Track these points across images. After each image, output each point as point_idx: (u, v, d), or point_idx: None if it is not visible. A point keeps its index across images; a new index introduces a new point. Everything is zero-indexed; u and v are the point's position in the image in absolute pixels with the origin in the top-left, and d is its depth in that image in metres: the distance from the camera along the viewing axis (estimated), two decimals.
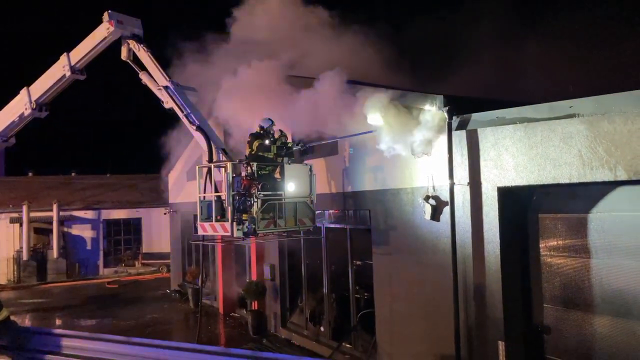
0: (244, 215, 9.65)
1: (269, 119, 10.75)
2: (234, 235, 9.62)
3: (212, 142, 10.40)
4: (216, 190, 9.95)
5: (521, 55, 12.67)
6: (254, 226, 9.62)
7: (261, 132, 10.64)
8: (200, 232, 10.23)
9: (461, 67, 12.90)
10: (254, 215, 9.63)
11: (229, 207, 9.49)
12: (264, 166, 10.25)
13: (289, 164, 10.48)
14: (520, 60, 12.53)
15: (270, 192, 9.98)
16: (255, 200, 9.65)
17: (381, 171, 10.74)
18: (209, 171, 10.14)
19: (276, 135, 10.76)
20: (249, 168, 9.92)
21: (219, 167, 10.01)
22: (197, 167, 10.50)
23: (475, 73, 12.56)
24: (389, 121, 9.58)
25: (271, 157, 10.52)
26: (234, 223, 9.51)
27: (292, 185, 10.29)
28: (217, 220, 9.80)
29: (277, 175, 10.42)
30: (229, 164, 9.68)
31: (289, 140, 11.16)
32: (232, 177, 9.61)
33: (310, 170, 10.77)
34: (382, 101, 9.64)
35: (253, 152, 10.37)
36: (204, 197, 10.17)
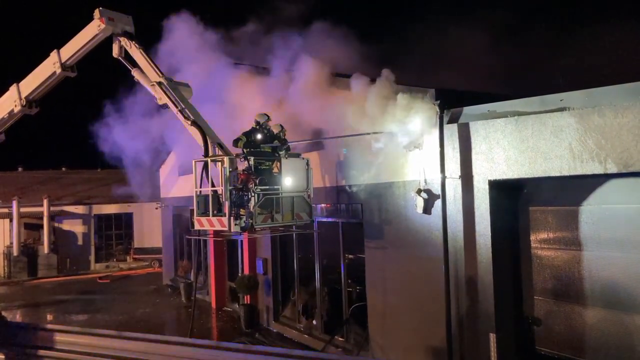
0: (241, 209, 9.62)
1: (265, 114, 10.75)
2: (232, 230, 9.58)
3: (208, 136, 10.34)
4: (212, 185, 9.91)
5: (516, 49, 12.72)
6: (251, 221, 9.59)
7: (257, 127, 10.64)
8: (197, 226, 10.17)
9: (452, 61, 12.95)
10: (252, 209, 9.61)
11: (226, 202, 9.46)
12: (262, 160, 10.23)
13: (286, 158, 10.47)
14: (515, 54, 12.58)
15: (267, 187, 9.97)
16: (253, 194, 9.63)
17: (373, 165, 10.75)
18: (205, 166, 10.09)
19: (276, 130, 10.75)
20: (246, 162, 9.89)
21: (215, 161, 9.97)
22: (193, 161, 10.44)
23: (467, 67, 12.62)
24: (381, 115, 9.60)
25: (268, 151, 10.52)
26: (232, 218, 9.48)
27: (289, 180, 10.27)
28: (214, 215, 9.77)
29: (274, 170, 10.41)
30: (226, 159, 9.63)
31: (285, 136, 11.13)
32: (229, 172, 9.57)
33: (307, 164, 10.76)
34: (375, 94, 9.67)
35: (244, 150, 10.36)
36: (200, 191, 10.14)
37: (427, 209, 9.29)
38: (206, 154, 10.15)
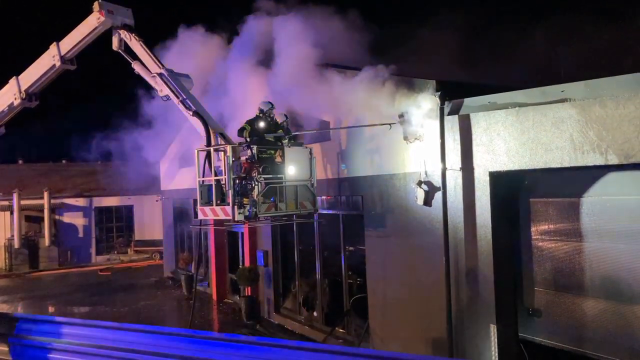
0: (244, 199, 9.62)
1: (269, 102, 10.73)
2: (235, 219, 9.59)
3: (210, 126, 10.32)
4: (215, 175, 9.91)
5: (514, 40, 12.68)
6: (255, 210, 9.60)
7: (260, 115, 10.62)
8: (200, 216, 10.18)
9: (453, 52, 12.90)
10: (255, 198, 9.61)
11: (230, 191, 9.46)
12: (265, 149, 10.23)
13: (289, 146, 10.47)
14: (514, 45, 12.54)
15: (271, 175, 9.98)
16: (256, 183, 9.63)
17: (374, 157, 10.76)
18: (208, 155, 10.09)
19: (279, 120, 10.74)
20: (249, 151, 9.89)
21: (218, 150, 9.97)
22: (195, 150, 10.44)
23: (467, 58, 12.58)
24: (382, 106, 9.59)
25: (271, 139, 10.52)
26: (235, 207, 9.48)
27: (292, 169, 10.26)
28: (217, 205, 9.77)
29: (277, 159, 10.41)
30: (228, 147, 9.62)
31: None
32: (232, 161, 9.57)
33: (311, 153, 10.76)
34: (377, 86, 9.65)
35: (248, 139, 10.36)
36: (203, 181, 10.13)
37: (427, 201, 9.30)
38: (208, 144, 10.14)
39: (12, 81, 13.35)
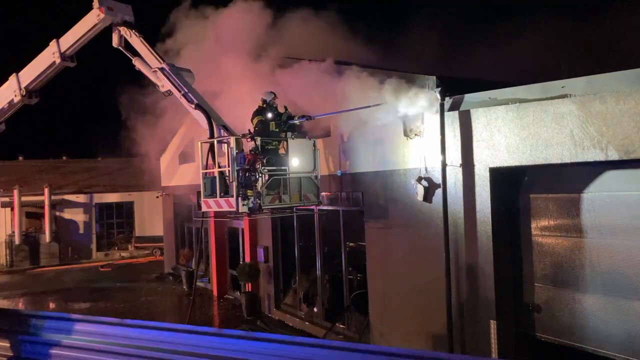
0: (248, 190, 9.62)
1: (271, 92, 10.71)
2: (239, 211, 9.58)
3: (212, 119, 10.32)
4: (218, 167, 9.91)
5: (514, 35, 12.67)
6: (259, 201, 9.59)
7: (263, 105, 10.61)
8: (204, 208, 10.17)
9: (454, 48, 12.90)
10: (259, 190, 9.60)
11: (234, 183, 9.45)
12: (269, 141, 10.22)
13: (293, 138, 10.44)
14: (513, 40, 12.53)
15: (274, 167, 9.96)
16: (260, 175, 9.62)
17: (375, 153, 10.75)
18: (211, 147, 10.08)
19: (280, 110, 10.74)
20: (253, 143, 9.88)
21: (221, 142, 9.96)
22: (199, 142, 10.42)
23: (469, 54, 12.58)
24: (383, 102, 9.58)
25: (276, 131, 10.50)
26: (239, 198, 9.47)
27: (296, 160, 10.24)
28: (221, 197, 9.77)
29: (281, 151, 10.40)
30: (232, 139, 9.62)
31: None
32: (236, 153, 9.57)
33: (314, 145, 10.73)
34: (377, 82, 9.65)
35: (256, 129, 10.37)
36: (207, 173, 10.12)
37: (427, 197, 9.30)
38: (212, 136, 10.13)
39: (12, 78, 13.33)
